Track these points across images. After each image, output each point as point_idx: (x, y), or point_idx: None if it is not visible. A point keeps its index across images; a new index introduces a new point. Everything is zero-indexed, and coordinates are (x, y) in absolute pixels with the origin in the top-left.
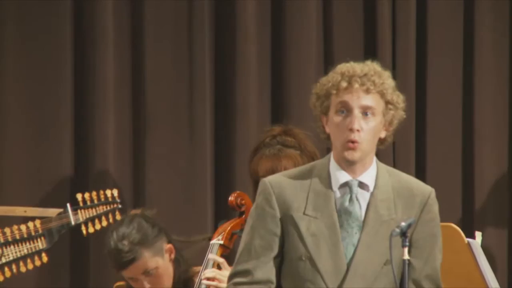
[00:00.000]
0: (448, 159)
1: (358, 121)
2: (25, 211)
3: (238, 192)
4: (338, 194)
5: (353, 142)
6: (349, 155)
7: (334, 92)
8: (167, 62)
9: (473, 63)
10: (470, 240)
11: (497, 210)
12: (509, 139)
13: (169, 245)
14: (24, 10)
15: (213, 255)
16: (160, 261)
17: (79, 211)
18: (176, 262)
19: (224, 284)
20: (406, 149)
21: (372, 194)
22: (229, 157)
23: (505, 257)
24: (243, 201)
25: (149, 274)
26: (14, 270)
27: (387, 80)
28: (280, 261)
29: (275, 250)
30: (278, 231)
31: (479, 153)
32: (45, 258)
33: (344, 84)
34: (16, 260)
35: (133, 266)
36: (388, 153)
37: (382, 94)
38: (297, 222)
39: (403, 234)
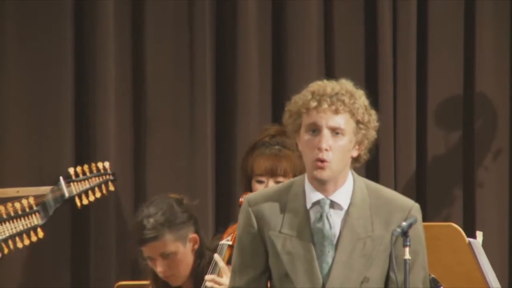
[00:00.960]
0: (449, 159)
1: (327, 140)
2: (17, 191)
3: (249, 193)
4: (313, 212)
5: (321, 161)
6: (318, 173)
7: (304, 111)
8: (168, 62)
9: (474, 63)
10: (471, 239)
11: (498, 209)
12: (510, 138)
13: (194, 235)
14: (25, 10)
15: (217, 256)
16: (180, 247)
17: (72, 184)
18: (198, 254)
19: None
20: (407, 149)
21: (347, 212)
22: (230, 157)
23: (506, 256)
24: None
25: (167, 257)
26: (11, 246)
27: (359, 99)
28: (269, 276)
29: (260, 267)
30: (260, 248)
31: (480, 153)
32: (41, 234)
33: (313, 103)
34: (12, 237)
35: (152, 245)
36: (389, 153)
37: (352, 114)
38: (273, 240)
39: (404, 233)
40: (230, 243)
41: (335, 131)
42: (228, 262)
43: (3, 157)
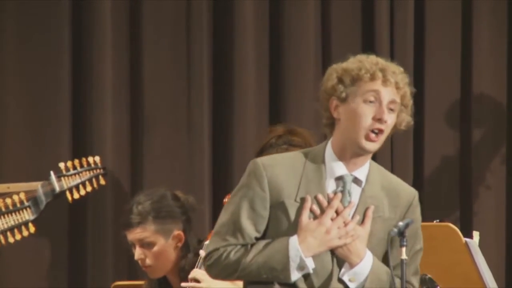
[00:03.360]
0: (446, 159)
1: (387, 113)
2: (8, 187)
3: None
4: (331, 185)
5: (377, 132)
6: (368, 145)
7: (367, 80)
8: (165, 62)
9: (471, 61)
10: (468, 239)
11: (495, 210)
12: (507, 139)
13: (179, 233)
14: (23, 10)
15: (202, 252)
16: (161, 241)
17: (63, 178)
18: (182, 252)
19: (203, 284)
20: (405, 149)
21: (363, 190)
22: (227, 157)
23: (503, 256)
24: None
25: (145, 246)
26: (3, 241)
27: (408, 84)
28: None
29: (261, 232)
30: (266, 214)
31: (477, 153)
32: (32, 229)
33: (379, 74)
34: (3, 232)
35: (133, 230)
36: (386, 153)
37: (404, 96)
38: (287, 208)
39: (401, 234)
40: None
41: (391, 107)
42: None
43: (1, 157)
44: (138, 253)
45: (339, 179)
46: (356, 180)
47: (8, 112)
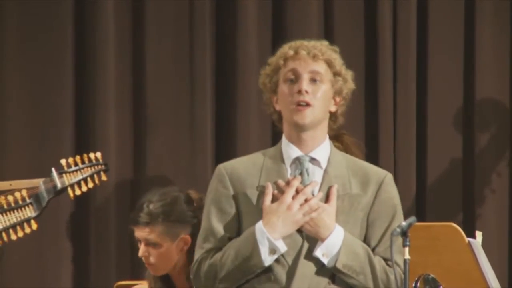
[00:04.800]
0: (448, 158)
1: (307, 84)
2: (10, 184)
3: None
4: (290, 170)
5: (302, 104)
6: (298, 118)
7: (282, 62)
8: (168, 62)
9: (474, 61)
10: (470, 239)
11: (498, 209)
12: (510, 138)
13: (187, 237)
14: (25, 10)
15: None
16: (167, 242)
17: (64, 174)
18: (189, 255)
19: None
20: (407, 149)
21: (325, 171)
22: (230, 156)
23: (505, 256)
24: None
25: (150, 245)
26: (5, 239)
27: (335, 54)
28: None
29: (232, 229)
30: (232, 210)
31: (479, 152)
32: (34, 226)
33: (291, 52)
34: (5, 229)
35: (141, 229)
36: (388, 152)
37: (329, 63)
38: (250, 197)
39: (404, 233)
40: None
41: (314, 78)
42: None
43: (3, 157)
44: (142, 250)
45: (295, 161)
46: (315, 162)
47: (11, 110)
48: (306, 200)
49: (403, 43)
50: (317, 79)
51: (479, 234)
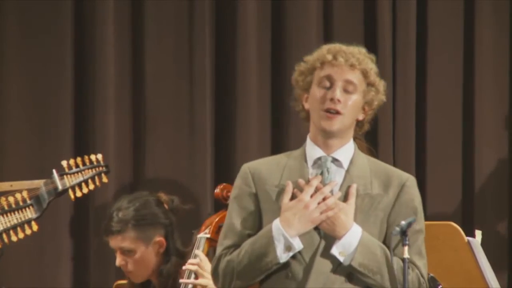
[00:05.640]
0: (448, 158)
1: (340, 93)
2: (11, 185)
3: (224, 184)
4: (312, 169)
5: (333, 112)
6: (326, 124)
7: (319, 65)
8: (168, 61)
9: (473, 62)
10: (470, 238)
11: (497, 209)
12: (509, 137)
13: (161, 239)
14: (25, 9)
15: (198, 251)
16: (141, 247)
17: (65, 176)
18: (164, 257)
19: (201, 280)
20: (406, 148)
21: (347, 171)
22: (229, 156)
23: (505, 256)
24: (229, 193)
25: (125, 253)
26: (6, 240)
27: (371, 63)
28: None
29: (252, 227)
30: (253, 208)
31: (479, 152)
32: (35, 227)
33: (329, 57)
34: (6, 231)
35: (114, 238)
36: (388, 151)
37: (365, 73)
38: (271, 195)
39: (403, 233)
40: (208, 235)
41: (347, 88)
42: (207, 255)
43: (3, 156)
44: (119, 259)
45: (317, 161)
46: (337, 162)
47: (11, 110)
48: (324, 199)
49: (403, 43)
50: (351, 89)
51: (478, 233)
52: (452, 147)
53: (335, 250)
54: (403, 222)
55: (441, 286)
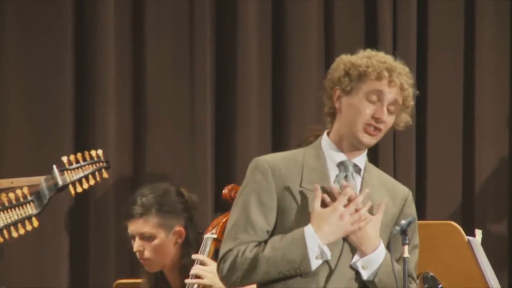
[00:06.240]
0: (448, 157)
1: (387, 114)
2: (12, 182)
3: (232, 185)
4: (333, 171)
5: (376, 129)
6: (366, 139)
7: (373, 79)
8: (168, 61)
9: (474, 62)
10: (470, 238)
11: (498, 208)
12: (510, 137)
13: (181, 229)
14: (25, 9)
15: (196, 255)
16: (162, 234)
17: (65, 172)
18: (184, 248)
19: (207, 280)
20: (407, 147)
21: (363, 178)
22: (230, 155)
23: (505, 255)
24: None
25: (145, 239)
26: (6, 236)
27: (412, 86)
28: (271, 235)
29: (271, 223)
30: (274, 205)
31: (479, 151)
32: (35, 223)
33: (386, 74)
34: (7, 227)
35: (135, 221)
36: (388, 150)
37: (406, 97)
38: (292, 194)
39: (403, 232)
40: (215, 236)
41: (391, 107)
42: (214, 255)
43: (3, 155)
44: (137, 244)
45: (340, 165)
46: (356, 168)
47: (11, 108)
48: (356, 210)
49: (403, 43)
50: (392, 110)
51: (478, 233)
52: (452, 147)
53: (359, 263)
54: (403, 222)
55: (441, 285)
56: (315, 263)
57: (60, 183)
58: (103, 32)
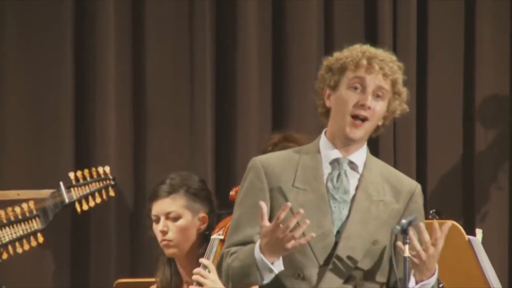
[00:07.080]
0: (449, 156)
1: (371, 100)
2: (18, 194)
3: (239, 186)
4: (327, 169)
5: (360, 119)
6: (351, 132)
7: (352, 68)
8: (168, 61)
9: (474, 59)
10: (470, 237)
11: (498, 207)
12: (510, 135)
13: (205, 216)
14: (25, 9)
15: (202, 259)
16: (188, 216)
17: (72, 189)
18: (203, 237)
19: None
20: (407, 146)
21: (362, 175)
22: (230, 155)
23: (505, 254)
24: None
25: (170, 219)
26: (11, 252)
27: (400, 72)
28: None
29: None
30: (267, 204)
31: (480, 150)
32: (41, 238)
33: (364, 62)
34: (12, 242)
35: (162, 201)
36: (388, 149)
37: (394, 83)
38: (285, 193)
39: (404, 231)
40: (222, 237)
41: (377, 94)
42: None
43: (3, 156)
44: (162, 224)
45: (334, 162)
46: (352, 165)
47: (11, 110)
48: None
49: (403, 43)
50: (381, 95)
51: (479, 232)
52: (452, 145)
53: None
54: (403, 221)
55: (441, 284)
56: (266, 277)
57: (67, 200)
58: (103, 32)
